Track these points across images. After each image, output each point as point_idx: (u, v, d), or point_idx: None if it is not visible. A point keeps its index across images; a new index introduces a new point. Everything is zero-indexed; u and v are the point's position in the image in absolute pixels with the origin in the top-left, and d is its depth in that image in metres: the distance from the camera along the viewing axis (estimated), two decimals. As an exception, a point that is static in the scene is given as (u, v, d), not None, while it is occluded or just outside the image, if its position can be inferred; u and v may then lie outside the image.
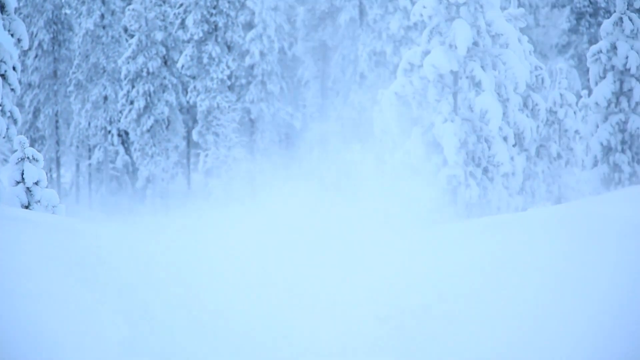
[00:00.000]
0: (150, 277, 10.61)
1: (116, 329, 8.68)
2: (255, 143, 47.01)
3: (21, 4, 51.34)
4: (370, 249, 14.24)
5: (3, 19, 21.45)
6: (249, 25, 48.26)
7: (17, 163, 20.77)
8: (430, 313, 9.66)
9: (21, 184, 20.52)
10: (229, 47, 47.18)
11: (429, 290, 10.37)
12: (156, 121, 46.87)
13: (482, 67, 24.16)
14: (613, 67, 25.25)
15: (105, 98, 48.86)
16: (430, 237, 14.62)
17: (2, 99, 21.23)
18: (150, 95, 47.00)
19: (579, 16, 51.42)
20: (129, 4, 50.64)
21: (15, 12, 22.23)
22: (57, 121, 51.44)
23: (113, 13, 50.08)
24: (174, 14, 47.81)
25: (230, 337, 9.05)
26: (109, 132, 48.42)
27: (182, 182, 49.02)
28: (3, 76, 21.47)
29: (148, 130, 46.64)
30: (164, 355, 8.38)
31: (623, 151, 25.07)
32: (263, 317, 9.61)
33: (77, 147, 49.73)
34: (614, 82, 25.16)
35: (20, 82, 22.01)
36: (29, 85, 50.86)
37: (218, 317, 9.75)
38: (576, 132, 27.72)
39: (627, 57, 24.96)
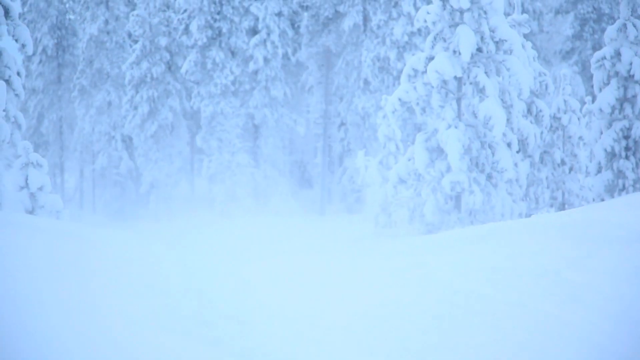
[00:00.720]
0: (149, 284, 10.63)
1: (119, 333, 8.70)
2: (259, 149, 47.03)
3: (25, 10, 51.46)
4: (370, 257, 14.22)
5: (7, 25, 21.48)
6: (253, 31, 48.29)
7: (21, 168, 20.83)
8: (431, 318, 9.66)
9: (25, 189, 20.58)
10: (232, 53, 47.24)
11: (430, 296, 10.36)
12: (160, 126, 46.94)
13: (486, 73, 24.14)
14: (617, 74, 25.22)
15: (109, 103, 48.95)
16: (433, 243, 14.61)
17: (6, 104, 21.26)
18: (154, 101, 47.08)
19: (583, 22, 51.45)
20: (133, 9, 50.72)
21: (19, 18, 22.25)
22: (61, 126, 51.53)
23: (117, 19, 50.18)
24: (178, 19, 47.89)
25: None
26: (113, 137, 48.48)
27: (185, 188, 49.01)
28: (7, 81, 21.50)
29: (152, 136, 46.70)
30: None
31: (627, 158, 25.04)
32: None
33: (81, 152, 49.81)
34: (618, 88, 25.12)
35: (24, 87, 22.05)
36: (33, 90, 50.97)
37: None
38: (580, 138, 27.71)
39: (631, 64, 24.93)
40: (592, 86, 30.40)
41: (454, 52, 23.80)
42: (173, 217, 42.47)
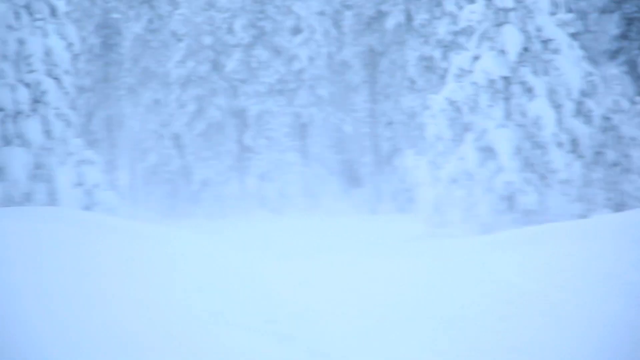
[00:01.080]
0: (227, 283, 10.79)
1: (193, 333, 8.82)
2: (308, 147, 47.00)
3: (70, 9, 51.82)
4: (430, 257, 14.24)
5: (54, 23, 21.74)
6: (296, 30, 48.36)
7: (75, 166, 21.10)
8: (498, 319, 9.71)
9: (81, 186, 20.84)
10: (277, 52, 47.35)
11: (493, 297, 10.40)
12: (208, 125, 47.07)
13: (533, 72, 24.05)
14: (667, 74, 25.00)
15: (157, 102, 49.15)
16: (490, 243, 14.60)
17: (57, 102, 21.55)
18: (200, 99, 47.28)
19: (629, 22, 50.91)
20: (177, 8, 50.98)
21: (65, 17, 22.48)
22: (110, 124, 51.85)
23: (161, 17, 50.46)
24: (222, 18, 48.10)
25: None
26: (162, 135, 48.59)
27: (235, 186, 49.02)
28: (56, 79, 21.77)
29: (200, 134, 46.84)
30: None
31: (682, 158, 24.79)
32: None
33: (131, 150, 50.01)
34: (669, 88, 24.89)
35: (73, 85, 22.28)
36: (82, 88, 51.31)
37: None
38: (632, 139, 27.42)
39: (681, 63, 24.72)
40: (641, 86, 30.12)
41: (500, 51, 23.74)
42: (225, 215, 42.58)
